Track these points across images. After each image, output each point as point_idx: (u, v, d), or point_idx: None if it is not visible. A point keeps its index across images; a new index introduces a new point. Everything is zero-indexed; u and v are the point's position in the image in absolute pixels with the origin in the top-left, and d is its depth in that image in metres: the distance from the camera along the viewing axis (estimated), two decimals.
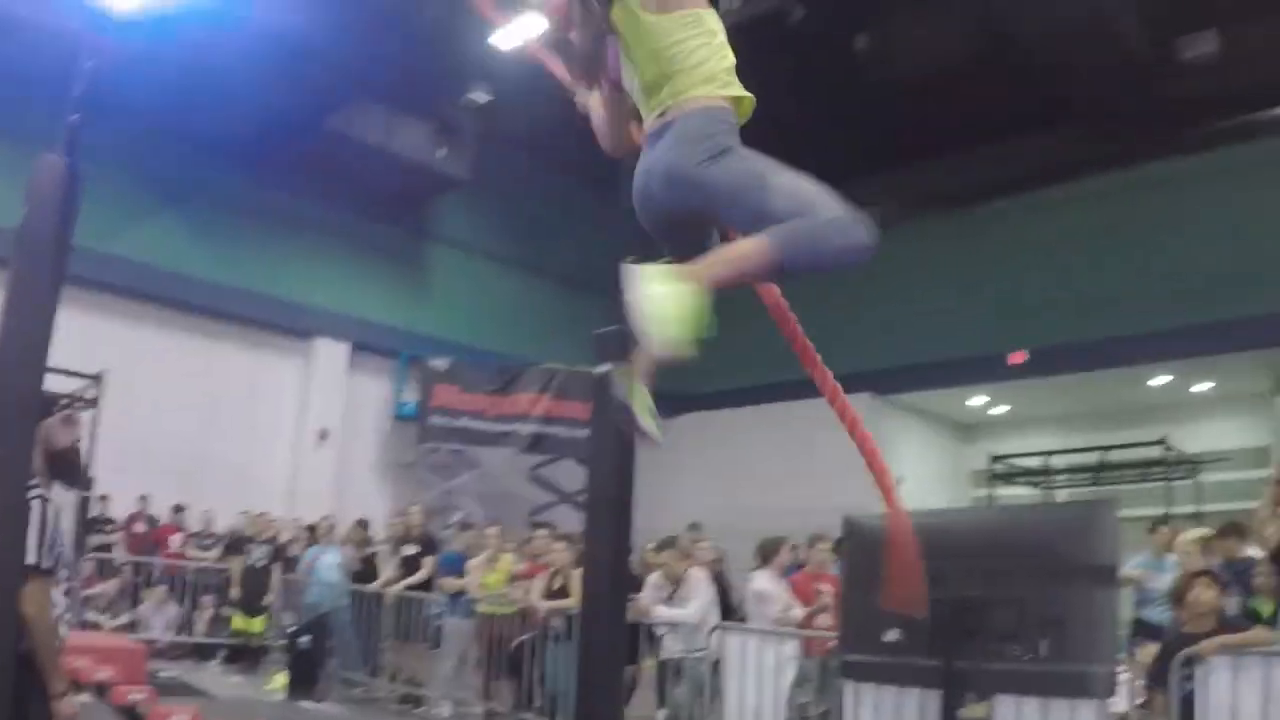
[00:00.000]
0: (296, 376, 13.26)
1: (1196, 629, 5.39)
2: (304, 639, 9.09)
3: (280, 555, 10.79)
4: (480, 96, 12.95)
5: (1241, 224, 11.85)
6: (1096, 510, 4.71)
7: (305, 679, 9.01)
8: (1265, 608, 6.21)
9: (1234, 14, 12.36)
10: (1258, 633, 5.43)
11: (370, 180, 12.71)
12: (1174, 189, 12.28)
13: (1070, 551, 4.24)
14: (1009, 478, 15.26)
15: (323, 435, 12.88)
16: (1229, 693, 5.04)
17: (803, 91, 11.52)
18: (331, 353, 13.23)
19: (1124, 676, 5.69)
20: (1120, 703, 5.34)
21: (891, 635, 4.55)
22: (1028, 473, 15.07)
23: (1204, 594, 5.48)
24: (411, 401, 13.72)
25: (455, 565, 9.20)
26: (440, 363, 13.63)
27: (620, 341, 5.82)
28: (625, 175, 2.70)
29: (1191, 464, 14.07)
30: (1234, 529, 7.63)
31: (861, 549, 4.95)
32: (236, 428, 12.52)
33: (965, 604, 4.22)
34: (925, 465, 15.92)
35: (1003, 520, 5.89)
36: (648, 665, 7.52)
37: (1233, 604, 6.15)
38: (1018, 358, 13.41)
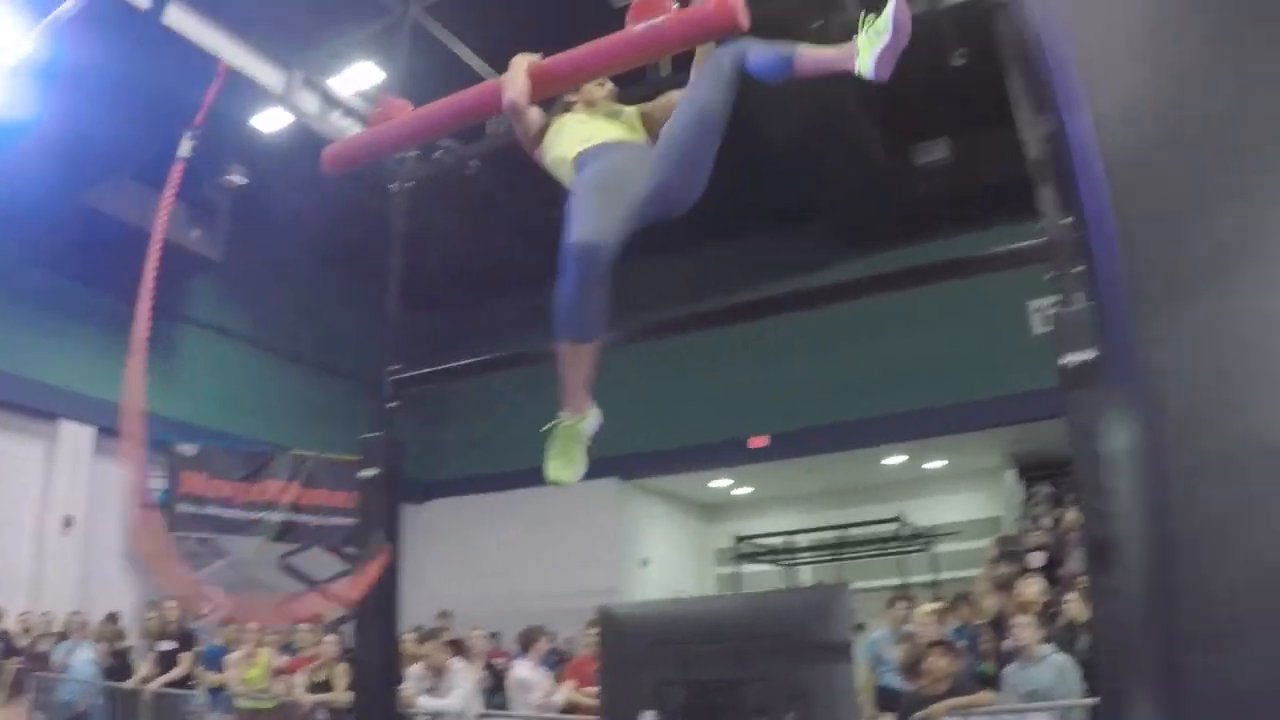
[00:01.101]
0: (39, 460, 13.17)
1: (932, 692, 6.60)
2: None
3: (13, 650, 10.66)
4: (237, 179, 13.41)
5: (970, 312, 13.51)
6: (833, 593, 5.71)
7: None
8: (991, 670, 7.53)
9: (964, 124, 14.81)
10: (982, 695, 6.67)
11: (122, 259, 12.73)
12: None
13: (810, 631, 4.87)
14: (753, 556, 17.02)
15: (68, 522, 12.84)
16: None
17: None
18: (76, 436, 13.21)
19: None
20: None
21: (648, 717, 5.04)
22: (771, 551, 16.87)
23: (938, 661, 6.77)
24: (159, 488, 13.68)
25: (216, 659, 10.03)
26: (188, 448, 13.85)
27: (382, 447, 7.00)
28: (379, 265, 3.91)
29: (926, 537, 16.27)
30: (965, 599, 9.42)
31: (615, 636, 5.50)
32: None
33: (718, 683, 4.80)
34: (671, 546, 17.40)
35: (749, 605, 6.52)
36: None
37: (963, 668, 7.24)
38: (758, 441, 14.84)
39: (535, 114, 4.30)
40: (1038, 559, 12.54)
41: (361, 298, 13.59)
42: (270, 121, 11.90)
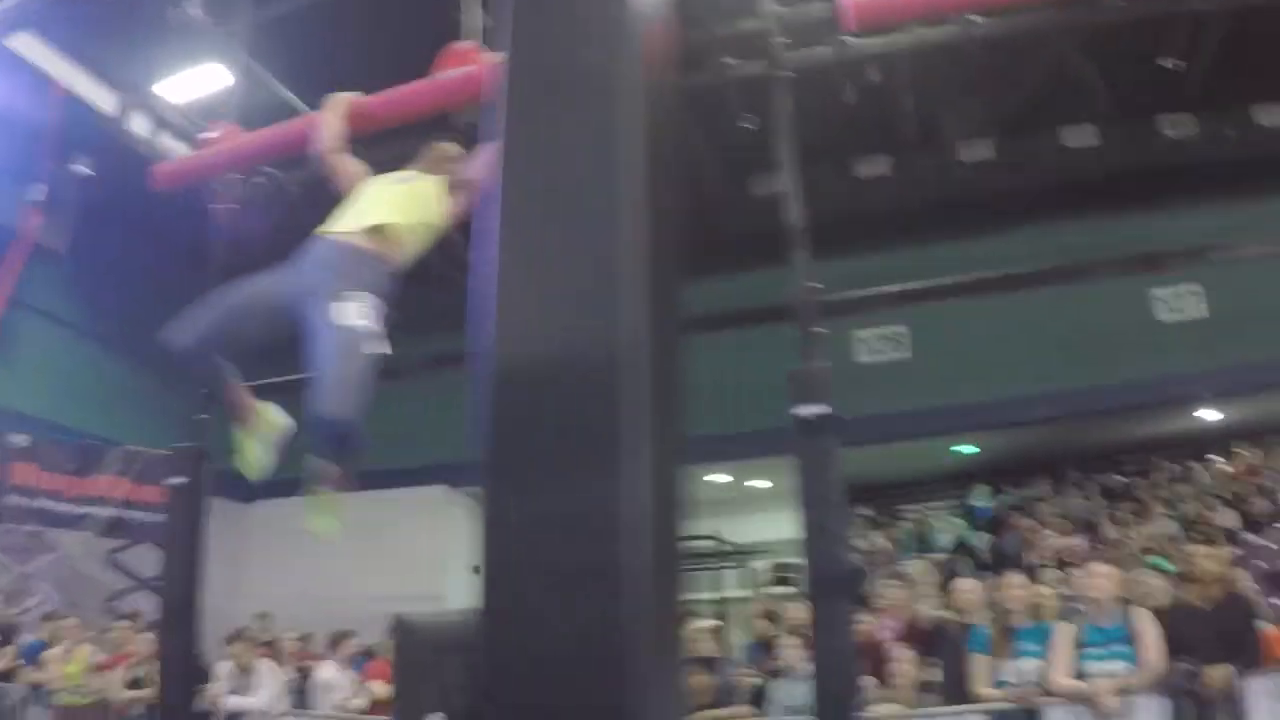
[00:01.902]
0: None
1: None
2: None
3: None
4: (84, 168, 13.45)
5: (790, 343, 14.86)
6: None
7: None
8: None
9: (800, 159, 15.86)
10: (737, 709, 7.68)
11: None
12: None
13: None
14: None
15: None
16: None
17: None
18: None
19: None
20: None
21: (435, 719, 5.63)
22: None
23: (696, 678, 7.88)
24: None
25: (36, 654, 10.49)
26: (21, 439, 14.07)
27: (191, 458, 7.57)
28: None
29: (743, 554, 17.38)
30: (767, 614, 10.29)
31: (411, 644, 6.17)
32: None
33: None
34: None
35: None
36: None
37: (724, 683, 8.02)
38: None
39: (352, 164, 4.80)
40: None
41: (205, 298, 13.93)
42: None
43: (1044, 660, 6.69)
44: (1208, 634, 6.56)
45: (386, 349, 4.46)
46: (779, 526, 17.98)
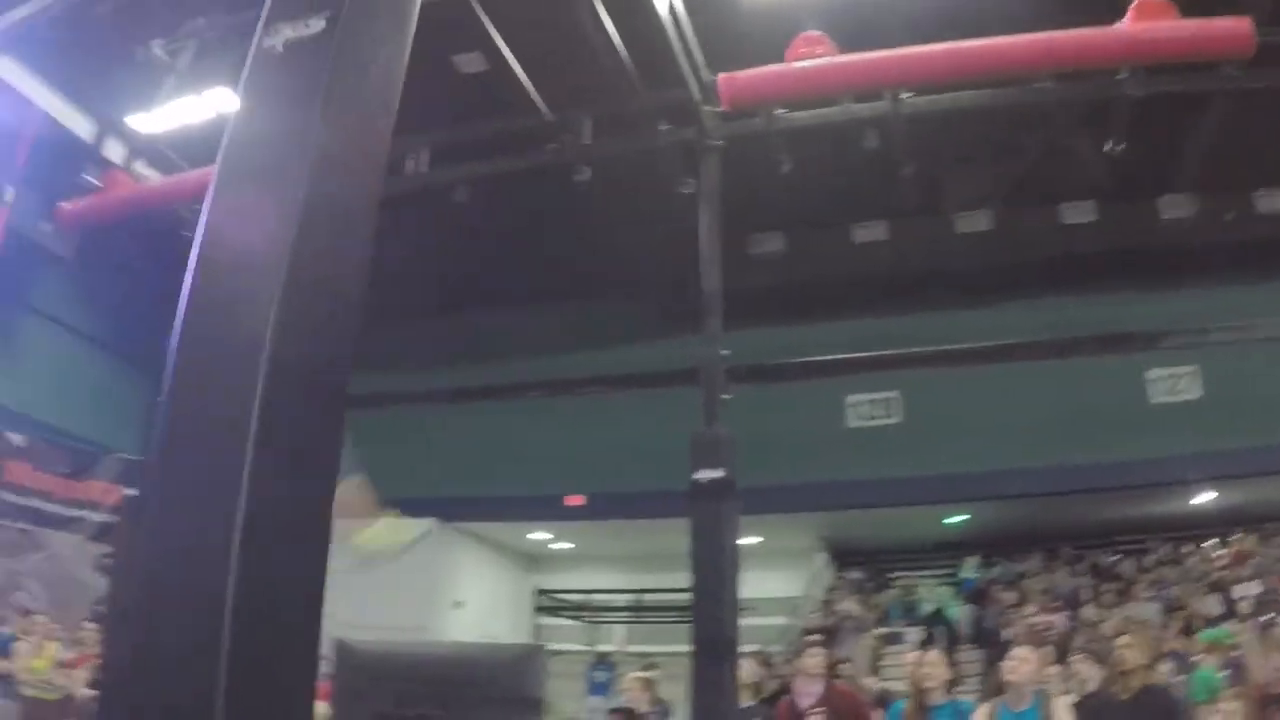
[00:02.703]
0: None
1: None
2: None
3: None
4: (94, 179, 13.70)
5: (790, 399, 14.81)
6: (530, 652, 6.42)
7: None
8: None
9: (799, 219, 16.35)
10: None
11: None
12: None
13: (505, 685, 5.68)
14: (555, 610, 18.30)
15: None
16: None
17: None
18: None
19: None
20: None
21: None
22: (575, 606, 18.09)
23: None
24: None
25: (5, 647, 11.05)
26: (17, 438, 14.46)
27: None
28: None
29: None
30: None
31: (348, 667, 6.32)
32: None
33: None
34: (488, 591, 18.69)
35: (461, 654, 7.48)
36: None
37: None
38: (574, 500, 15.99)
39: None
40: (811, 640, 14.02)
41: None
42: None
43: None
44: None
45: None
46: (769, 584, 18.45)
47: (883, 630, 13.30)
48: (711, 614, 6.08)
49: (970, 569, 17.25)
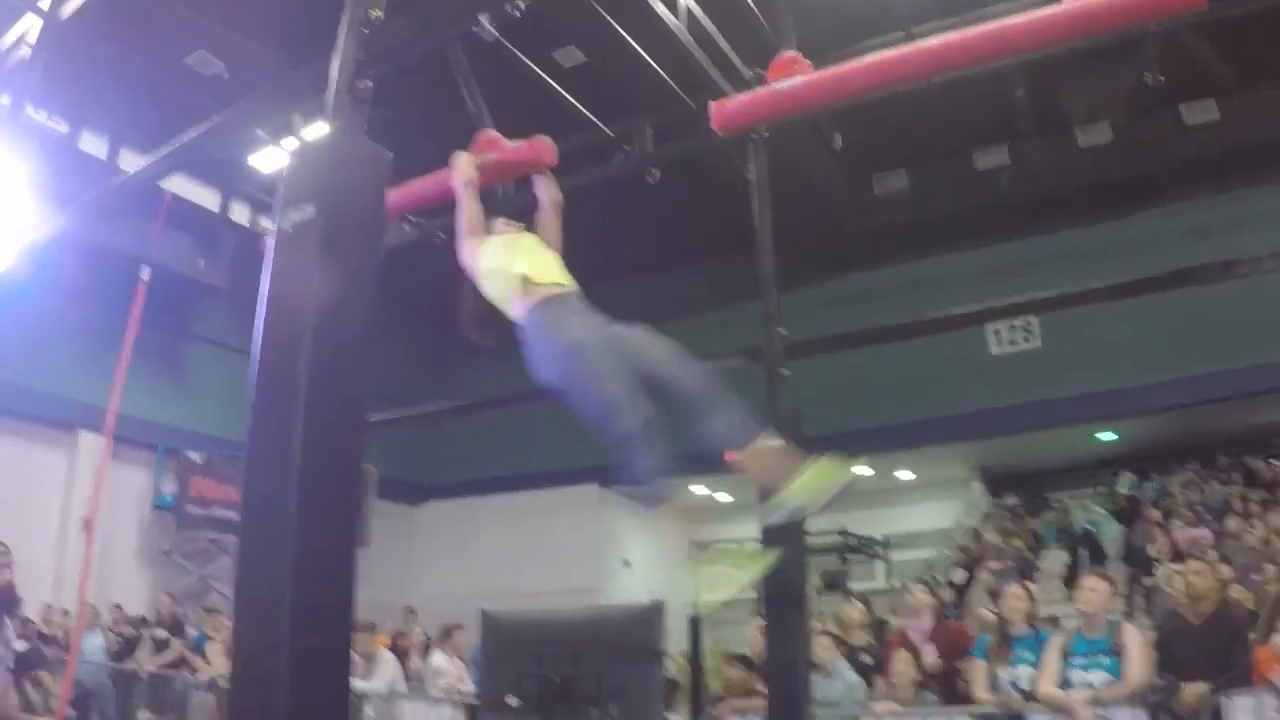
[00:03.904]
0: (62, 468, 15.58)
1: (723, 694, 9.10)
2: (71, 713, 11.42)
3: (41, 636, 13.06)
4: (242, 212, 14.80)
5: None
6: (651, 610, 6.77)
7: None
8: None
9: (919, 155, 16.74)
10: (756, 700, 8.41)
11: (131, 288, 14.90)
12: (876, 304, 15.10)
13: (631, 640, 6.29)
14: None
15: (86, 525, 14.20)
16: None
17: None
18: (93, 446, 15.01)
19: None
20: None
21: (513, 701, 6.53)
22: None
23: (727, 671, 9.24)
24: (168, 493, 16.25)
25: (201, 646, 12.52)
26: (197, 456, 16.39)
27: None
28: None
29: (872, 545, 18.43)
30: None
31: (492, 635, 7.12)
32: (2, 517, 14.12)
33: (561, 678, 6.21)
34: (652, 548, 19.76)
35: (591, 616, 8.09)
36: None
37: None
38: (732, 455, 16.75)
39: (478, 205, 5.25)
40: (958, 575, 14.59)
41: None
42: (268, 161, 13.59)
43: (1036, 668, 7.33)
44: (1195, 651, 7.04)
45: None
46: (926, 518, 19.08)
47: (996, 566, 13.55)
48: (781, 566, 6.80)
49: (1125, 485, 17.49)
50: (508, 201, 7.47)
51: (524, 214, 5.54)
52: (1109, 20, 4.91)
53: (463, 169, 5.26)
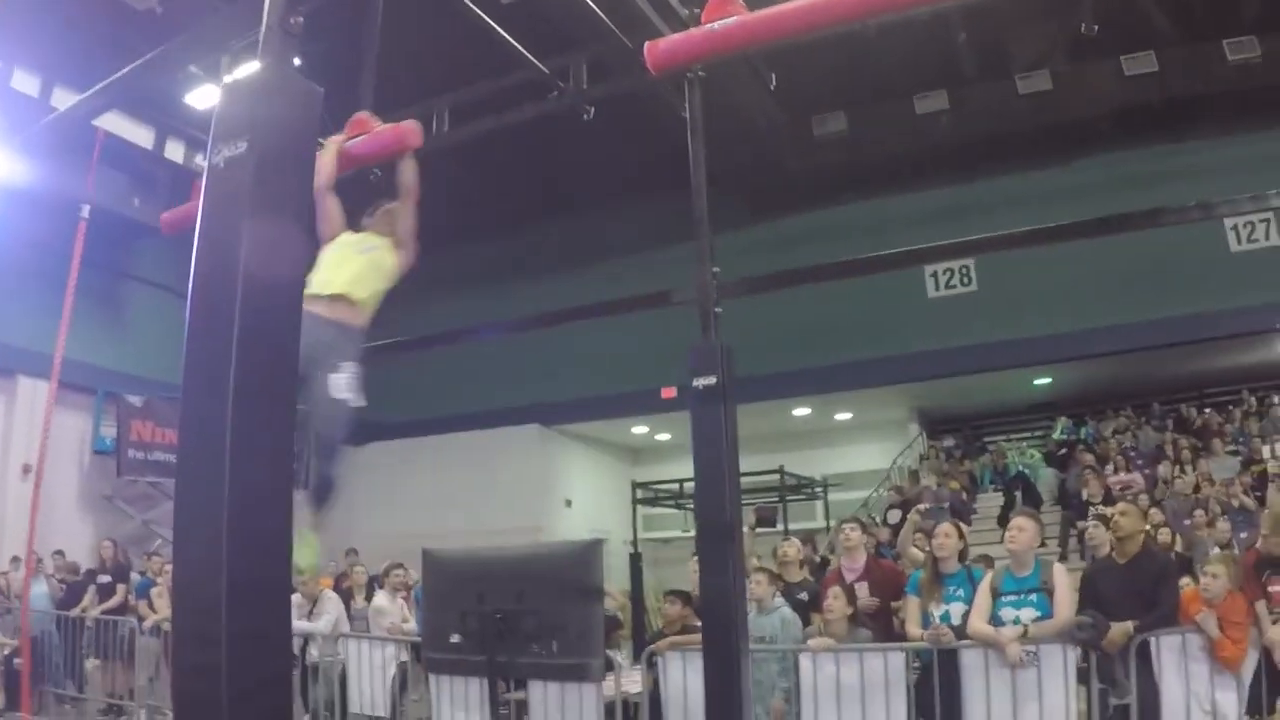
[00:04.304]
0: (0, 414, 15.38)
1: (666, 631, 8.77)
2: (16, 660, 11.57)
3: None
4: (177, 150, 15.13)
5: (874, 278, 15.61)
6: (589, 547, 6.65)
7: (17, 695, 11.46)
8: None
9: (859, 98, 16.82)
10: (695, 636, 8.29)
11: (70, 230, 13.65)
12: (814, 245, 15.59)
13: (570, 577, 6.24)
14: (653, 501, 19.43)
15: (26, 470, 14.68)
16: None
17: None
18: (33, 390, 15.02)
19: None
20: (609, 686, 8.16)
21: (455, 638, 6.50)
22: (672, 495, 19.12)
23: (669, 608, 9.27)
24: (108, 437, 16.08)
25: (146, 590, 12.47)
26: (136, 399, 16.17)
27: None
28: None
29: (811, 486, 18.67)
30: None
31: (434, 573, 7.07)
32: None
33: (502, 614, 6.12)
34: (594, 488, 19.95)
35: (531, 553, 7.67)
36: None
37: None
38: (669, 392, 16.90)
39: (336, 207, 5.53)
40: (894, 515, 14.82)
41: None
42: (203, 99, 13.65)
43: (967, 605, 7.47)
44: (1120, 590, 7.17)
45: (363, 404, 5.09)
46: (864, 459, 19.35)
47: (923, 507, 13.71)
48: (714, 502, 6.92)
49: (1060, 430, 17.82)
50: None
51: None
52: None
53: (322, 169, 5.26)
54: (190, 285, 3.75)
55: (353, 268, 5.37)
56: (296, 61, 4.04)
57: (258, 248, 3.54)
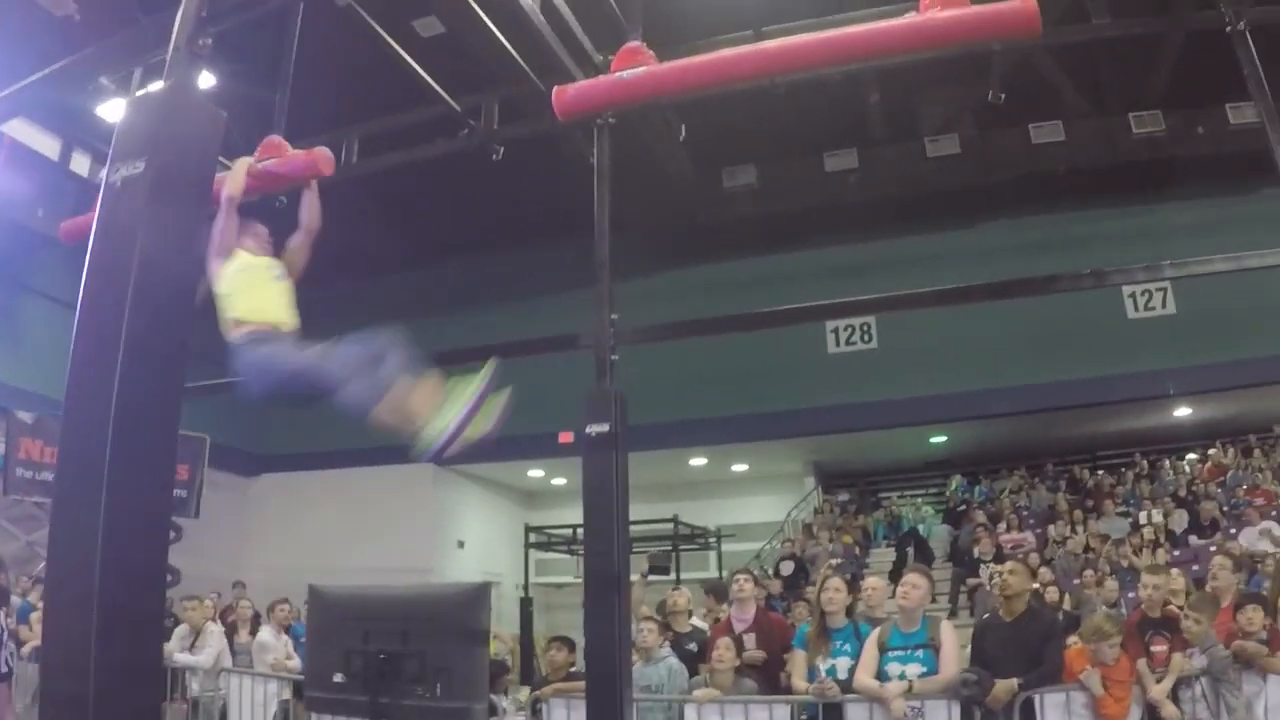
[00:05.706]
0: None
1: (552, 679, 8.77)
2: None
3: None
4: (83, 163, 14.83)
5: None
6: (478, 590, 6.66)
7: None
8: None
9: (769, 153, 16.99)
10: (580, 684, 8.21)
11: None
12: (719, 295, 15.63)
13: (457, 620, 6.17)
14: (547, 545, 19.38)
15: None
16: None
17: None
18: None
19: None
20: None
21: (338, 678, 6.34)
22: (564, 540, 19.05)
23: (555, 655, 9.17)
24: None
25: (26, 615, 12.18)
26: (27, 416, 15.63)
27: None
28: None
29: (704, 536, 18.72)
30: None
31: (322, 611, 6.89)
32: None
33: (386, 655, 6.05)
34: (487, 530, 19.82)
35: (418, 595, 7.77)
36: (175, 706, 10.01)
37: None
38: (566, 437, 16.90)
39: (235, 223, 5.27)
40: (786, 567, 14.93)
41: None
42: (114, 112, 13.53)
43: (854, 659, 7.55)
44: (1006, 647, 7.33)
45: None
46: (759, 511, 19.43)
47: (835, 561, 13.84)
48: (602, 550, 6.92)
49: (954, 488, 18.08)
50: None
51: None
52: (947, 38, 5.08)
53: (232, 181, 5.21)
54: (79, 305, 3.68)
55: (285, 298, 5.25)
56: (211, 82, 4.02)
57: (147, 272, 3.52)
